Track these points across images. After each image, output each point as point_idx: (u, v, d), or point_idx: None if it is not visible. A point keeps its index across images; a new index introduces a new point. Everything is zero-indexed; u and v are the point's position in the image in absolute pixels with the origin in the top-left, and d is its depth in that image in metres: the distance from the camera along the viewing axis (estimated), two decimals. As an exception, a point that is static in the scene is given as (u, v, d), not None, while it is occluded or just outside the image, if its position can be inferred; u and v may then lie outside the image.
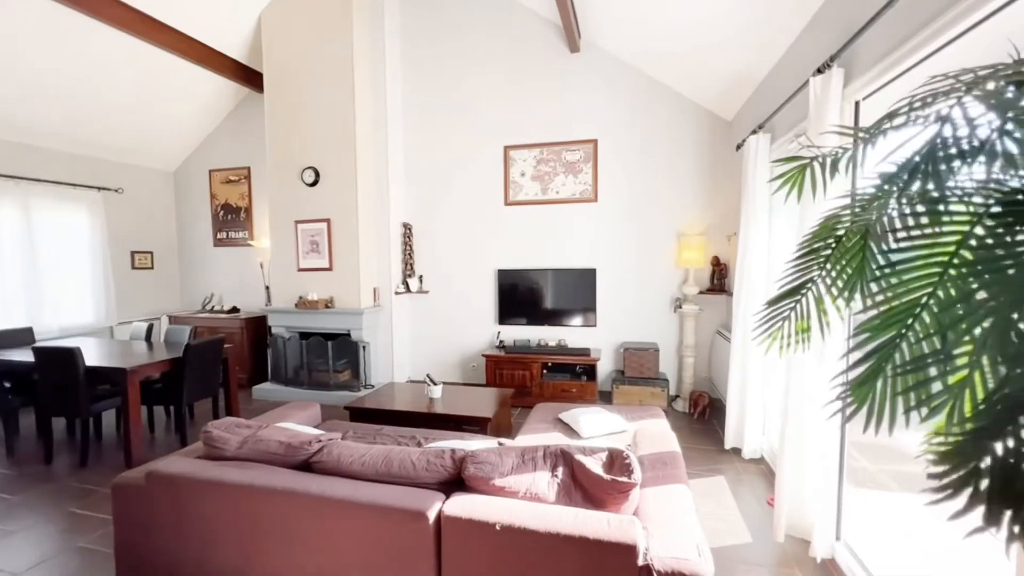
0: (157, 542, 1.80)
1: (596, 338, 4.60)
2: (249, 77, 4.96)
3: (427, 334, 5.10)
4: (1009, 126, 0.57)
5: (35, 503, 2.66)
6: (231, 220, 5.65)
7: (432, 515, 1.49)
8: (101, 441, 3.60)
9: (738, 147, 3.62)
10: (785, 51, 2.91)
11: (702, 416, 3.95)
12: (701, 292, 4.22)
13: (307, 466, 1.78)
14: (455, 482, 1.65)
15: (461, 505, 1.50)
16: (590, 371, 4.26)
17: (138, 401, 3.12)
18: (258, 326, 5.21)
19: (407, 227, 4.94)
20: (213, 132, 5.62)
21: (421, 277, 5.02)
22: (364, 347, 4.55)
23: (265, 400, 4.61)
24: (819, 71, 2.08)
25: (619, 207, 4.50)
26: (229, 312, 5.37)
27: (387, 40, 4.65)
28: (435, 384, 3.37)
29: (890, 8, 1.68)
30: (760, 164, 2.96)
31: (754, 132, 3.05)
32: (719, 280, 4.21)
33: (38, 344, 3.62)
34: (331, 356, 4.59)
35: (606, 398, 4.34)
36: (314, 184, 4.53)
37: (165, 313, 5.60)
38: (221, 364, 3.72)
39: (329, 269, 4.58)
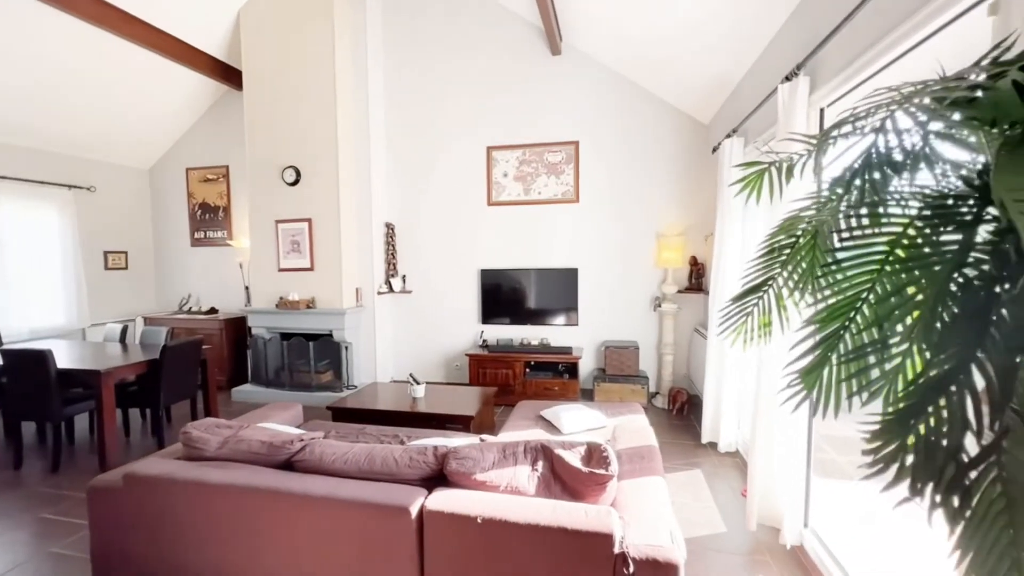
0: (135, 545, 1.78)
1: (578, 337, 4.66)
2: (227, 74, 4.89)
3: (410, 334, 5.10)
4: (930, 139, 0.63)
5: (4, 509, 2.59)
6: (209, 219, 5.55)
7: (415, 510, 1.51)
8: (74, 445, 3.51)
9: (714, 150, 3.73)
10: (757, 58, 3.01)
11: (680, 412, 4.04)
12: (679, 291, 4.33)
13: (289, 465, 1.79)
14: (437, 478, 1.68)
15: (443, 500, 1.53)
16: (572, 369, 4.33)
17: (113, 404, 3.06)
18: (238, 327, 5.14)
19: (390, 227, 4.93)
20: (190, 129, 5.52)
21: (404, 277, 5.02)
22: (346, 347, 4.53)
23: (245, 402, 4.54)
24: (787, 79, 2.18)
25: (600, 208, 4.57)
26: (207, 313, 5.28)
27: (369, 40, 4.64)
28: (418, 384, 3.38)
29: (848, 23, 1.77)
30: (734, 167, 3.06)
31: (728, 136, 3.15)
32: (697, 279, 4.32)
33: (7, 347, 3.52)
34: (313, 357, 4.56)
35: (588, 396, 4.41)
36: (295, 183, 4.49)
37: (140, 314, 5.47)
38: (199, 366, 3.67)
39: (310, 269, 4.55)
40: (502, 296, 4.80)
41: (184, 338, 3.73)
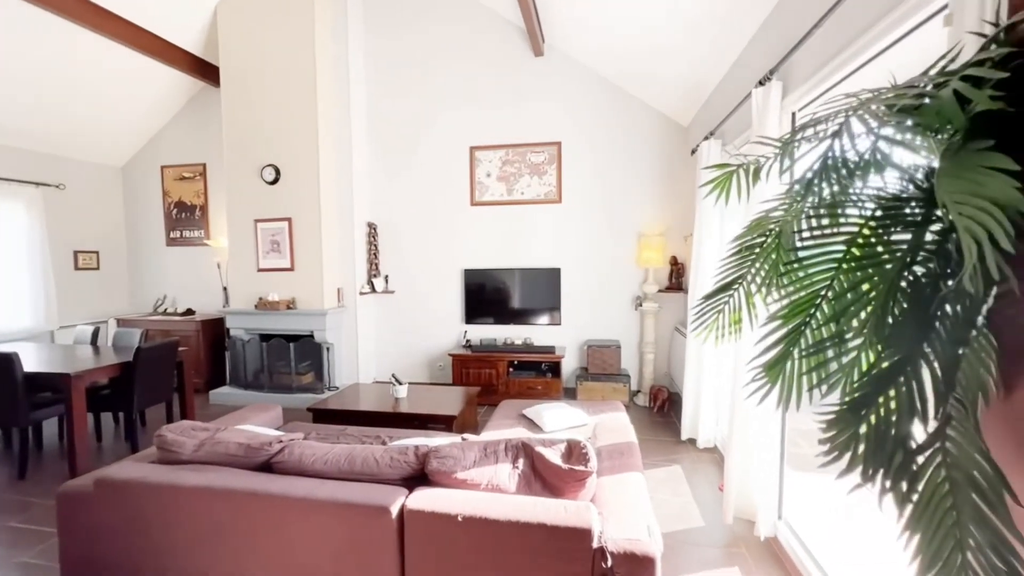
0: (107, 552, 1.74)
1: (561, 336, 4.70)
2: (204, 70, 4.78)
3: (393, 335, 5.07)
4: (881, 143, 0.66)
5: (-33, 519, 2.50)
6: (185, 219, 5.43)
7: (395, 510, 1.51)
8: (42, 451, 3.40)
9: (693, 152, 3.81)
10: (733, 62, 3.08)
11: (661, 409, 4.11)
12: (660, 291, 4.40)
13: (268, 467, 1.77)
14: (419, 478, 1.69)
15: (424, 499, 1.54)
16: (555, 368, 4.36)
17: (83, 408, 2.97)
18: (215, 328, 5.03)
19: (372, 227, 4.89)
20: (165, 127, 5.39)
21: (387, 277, 4.99)
22: (328, 348, 4.48)
23: (223, 405, 4.45)
24: (761, 83, 2.24)
25: (583, 208, 4.62)
26: (183, 314, 5.16)
27: (350, 38, 4.60)
28: (400, 384, 3.37)
29: (817, 30, 1.83)
30: (703, 169, 3.13)
31: (706, 138, 3.22)
32: (677, 279, 4.40)
33: (-31, 350, 3.38)
34: (293, 358, 4.50)
35: (570, 394, 4.44)
36: (274, 182, 4.42)
37: (112, 316, 5.32)
38: (175, 368, 3.58)
39: (291, 269, 4.48)
40: (485, 296, 4.80)
41: (159, 340, 3.64)
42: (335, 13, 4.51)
